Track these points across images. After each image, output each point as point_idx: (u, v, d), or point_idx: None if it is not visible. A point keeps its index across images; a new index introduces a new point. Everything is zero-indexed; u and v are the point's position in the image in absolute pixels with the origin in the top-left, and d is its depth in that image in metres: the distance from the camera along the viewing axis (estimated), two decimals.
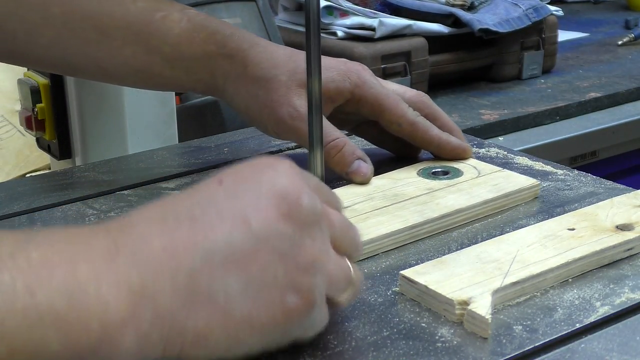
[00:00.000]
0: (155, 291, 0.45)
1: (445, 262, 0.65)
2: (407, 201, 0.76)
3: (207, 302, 0.47)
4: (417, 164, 0.85)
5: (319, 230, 0.51)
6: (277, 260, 0.48)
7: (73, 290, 0.43)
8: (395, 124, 0.82)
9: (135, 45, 0.82)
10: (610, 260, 0.67)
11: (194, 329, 0.46)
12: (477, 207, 0.76)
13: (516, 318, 0.60)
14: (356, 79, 0.81)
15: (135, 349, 0.45)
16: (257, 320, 0.48)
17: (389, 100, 0.82)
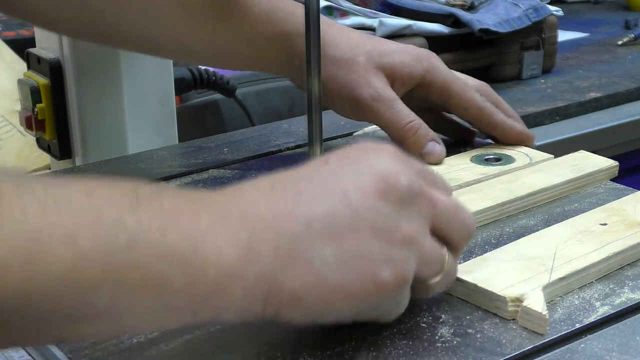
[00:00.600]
0: (260, 251, 0.49)
1: (488, 259, 0.65)
2: (495, 179, 0.81)
3: (304, 266, 0.50)
4: (471, 151, 0.89)
5: (417, 210, 0.54)
6: (372, 235, 0.51)
7: (196, 236, 0.48)
8: (462, 108, 0.86)
9: (216, 23, 0.83)
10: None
11: (291, 291, 0.50)
12: (561, 186, 0.80)
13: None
14: (427, 64, 0.85)
15: (240, 304, 0.49)
16: (349, 289, 0.51)
17: (457, 85, 0.86)
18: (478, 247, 0.71)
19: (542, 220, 0.76)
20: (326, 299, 0.51)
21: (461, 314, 0.61)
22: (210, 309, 0.49)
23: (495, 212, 0.76)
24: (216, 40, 0.84)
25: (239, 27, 0.83)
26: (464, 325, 0.59)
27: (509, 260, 0.65)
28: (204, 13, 0.83)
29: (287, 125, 1.06)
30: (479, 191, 0.79)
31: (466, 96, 0.86)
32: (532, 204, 0.79)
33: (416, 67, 0.85)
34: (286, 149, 0.97)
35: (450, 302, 0.63)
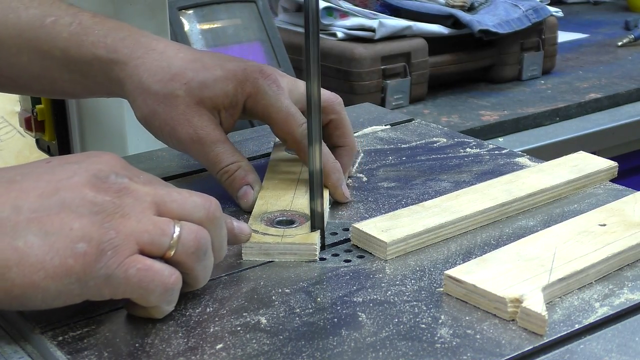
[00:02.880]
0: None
1: (487, 260, 0.65)
2: (494, 180, 0.81)
3: (7, 246, 0.55)
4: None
5: (133, 200, 0.59)
6: (75, 218, 0.57)
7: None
8: (281, 138, 0.82)
9: (30, 52, 0.81)
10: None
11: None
12: (560, 187, 0.81)
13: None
14: (250, 89, 0.78)
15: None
16: (50, 264, 0.55)
17: (279, 115, 0.79)
18: (477, 247, 0.71)
19: (541, 221, 0.76)
20: (29, 276, 0.55)
21: (460, 314, 0.61)
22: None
23: (494, 212, 0.77)
24: (34, 68, 0.82)
25: (51, 53, 0.81)
26: (463, 326, 0.59)
27: (509, 261, 0.65)
28: (16, 44, 0.81)
29: None
30: (479, 192, 0.79)
31: (285, 128, 0.79)
32: (532, 204, 0.79)
33: (238, 95, 0.78)
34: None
35: (450, 303, 0.63)
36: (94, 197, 0.58)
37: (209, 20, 1.28)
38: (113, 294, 0.58)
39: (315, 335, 0.59)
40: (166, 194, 0.61)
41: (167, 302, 0.60)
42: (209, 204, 0.63)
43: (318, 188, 0.72)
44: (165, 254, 0.59)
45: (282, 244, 0.70)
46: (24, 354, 0.60)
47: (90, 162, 0.61)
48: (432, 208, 0.75)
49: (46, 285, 0.56)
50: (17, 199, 0.57)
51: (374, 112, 1.12)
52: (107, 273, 0.57)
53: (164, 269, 0.59)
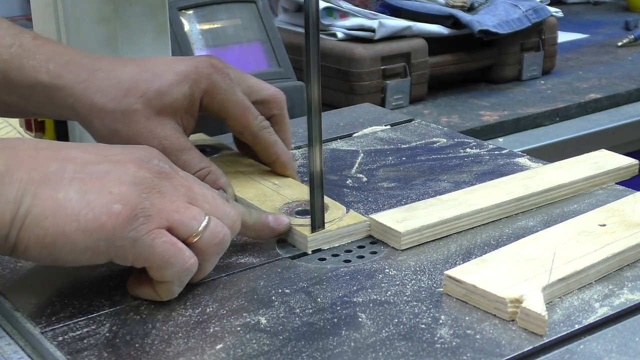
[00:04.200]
0: (12, 177, 0.59)
1: (487, 260, 0.65)
2: (512, 175, 0.82)
3: (48, 195, 0.59)
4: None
5: (170, 185, 0.63)
6: (115, 184, 0.60)
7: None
8: (237, 132, 0.82)
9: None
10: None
11: (34, 214, 0.58)
12: (579, 183, 0.81)
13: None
14: (206, 84, 0.78)
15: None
16: (84, 218, 0.59)
17: (235, 109, 0.79)
18: (477, 248, 0.71)
19: (541, 221, 0.76)
20: (62, 226, 0.58)
21: (460, 314, 0.61)
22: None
23: (511, 206, 0.77)
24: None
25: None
26: (463, 326, 0.59)
27: (508, 261, 0.65)
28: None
29: None
30: (496, 186, 0.80)
31: (242, 121, 0.80)
32: (549, 200, 0.80)
33: (195, 94, 0.77)
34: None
35: (450, 303, 0.63)
36: (136, 172, 0.62)
37: (209, 21, 1.28)
38: (135, 260, 0.61)
39: (315, 335, 0.59)
40: (200, 193, 0.65)
41: (179, 283, 0.63)
42: (237, 218, 0.66)
43: (318, 188, 0.72)
44: (189, 238, 0.62)
45: (342, 228, 0.73)
46: (24, 354, 0.60)
47: (136, 148, 0.66)
48: (448, 201, 0.76)
49: (76, 238, 0.59)
50: (64, 160, 0.61)
51: (374, 113, 1.12)
52: (136, 237, 0.60)
53: (186, 250, 0.62)
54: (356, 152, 0.96)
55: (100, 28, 0.90)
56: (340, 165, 0.92)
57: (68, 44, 0.91)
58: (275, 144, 0.82)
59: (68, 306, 0.63)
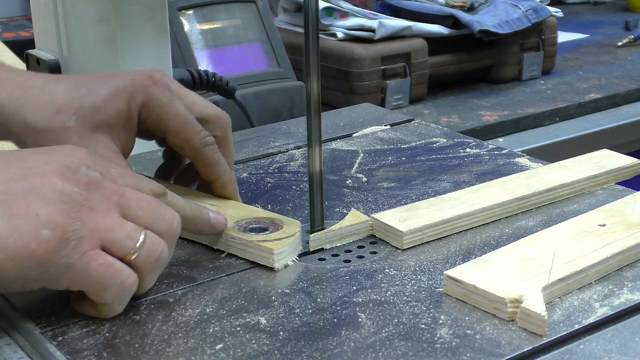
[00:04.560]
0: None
1: (487, 260, 0.65)
2: (515, 175, 0.82)
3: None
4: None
5: (101, 195, 0.60)
6: (42, 204, 0.57)
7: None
8: (178, 147, 0.76)
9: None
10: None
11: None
12: (581, 183, 0.81)
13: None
14: (142, 98, 0.73)
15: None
16: (13, 246, 0.56)
17: (175, 122, 0.74)
18: (477, 248, 0.71)
19: (541, 221, 0.76)
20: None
21: (460, 315, 0.61)
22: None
23: (513, 206, 0.77)
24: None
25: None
26: (463, 326, 0.59)
27: (508, 261, 0.65)
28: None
29: (286, 127, 1.06)
30: (498, 185, 0.80)
31: (182, 135, 0.74)
32: (551, 199, 0.80)
33: (131, 109, 0.73)
34: (286, 150, 0.97)
35: (450, 303, 0.63)
36: (62, 187, 0.58)
37: (208, 21, 1.28)
38: (70, 284, 0.59)
39: (315, 335, 0.59)
40: (134, 199, 0.62)
41: (120, 302, 0.61)
42: (173, 219, 0.64)
43: (318, 189, 0.72)
44: (126, 256, 0.60)
45: (344, 228, 0.73)
46: (24, 354, 0.60)
47: (62, 153, 0.62)
48: (450, 200, 0.76)
49: (5, 267, 0.56)
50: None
51: (373, 113, 1.12)
52: (69, 262, 0.57)
53: (124, 269, 0.60)
54: (356, 152, 0.96)
55: (100, 28, 0.90)
56: (340, 165, 0.92)
57: (68, 44, 0.92)
58: (218, 162, 0.76)
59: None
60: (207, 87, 1.12)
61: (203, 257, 0.71)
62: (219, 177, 0.76)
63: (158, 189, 0.65)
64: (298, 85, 1.28)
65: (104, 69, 0.92)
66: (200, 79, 1.10)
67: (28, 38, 1.52)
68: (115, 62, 0.95)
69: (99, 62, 0.93)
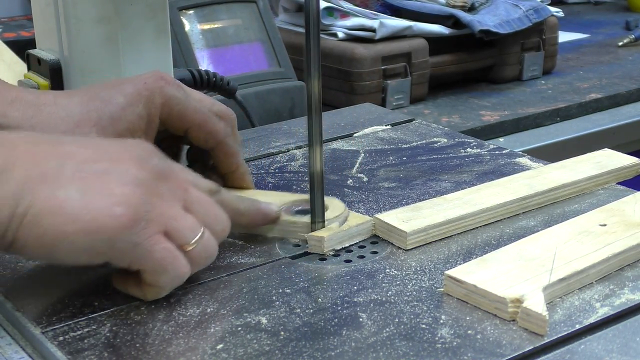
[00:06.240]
0: (12, 174, 0.57)
1: (488, 260, 0.65)
2: (517, 175, 0.82)
3: (48, 193, 0.58)
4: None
5: (168, 187, 0.62)
6: (117, 185, 0.59)
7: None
8: (203, 140, 0.76)
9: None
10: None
11: (33, 213, 0.57)
12: (582, 182, 0.81)
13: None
14: (160, 99, 0.74)
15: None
16: (85, 219, 0.58)
17: (197, 115, 0.75)
18: (478, 248, 0.71)
19: (541, 221, 0.76)
20: (62, 225, 0.57)
21: (461, 315, 0.61)
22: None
23: (515, 206, 0.77)
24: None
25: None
26: (464, 326, 0.59)
27: (509, 261, 0.65)
28: None
29: (287, 127, 1.06)
30: (500, 185, 0.80)
31: (206, 127, 0.76)
32: (553, 199, 0.80)
33: (151, 111, 0.73)
34: (286, 150, 0.97)
35: (450, 303, 0.63)
36: (137, 172, 0.61)
37: (209, 21, 1.28)
38: (132, 263, 0.61)
39: (316, 335, 0.59)
40: (196, 196, 0.64)
41: (169, 288, 0.63)
42: (227, 222, 0.67)
43: (319, 189, 0.72)
44: (183, 246, 0.62)
45: (352, 228, 0.73)
46: (25, 354, 0.60)
47: (133, 143, 0.64)
48: (453, 200, 0.76)
49: (76, 238, 0.58)
50: (63, 157, 0.60)
51: (374, 112, 1.12)
52: (136, 241, 0.59)
53: (182, 258, 0.62)
54: (357, 152, 0.96)
55: (101, 28, 0.90)
56: (340, 165, 0.92)
57: (69, 44, 0.92)
58: (238, 153, 0.79)
59: (69, 306, 0.63)
60: (208, 87, 1.12)
61: None
62: (239, 167, 0.79)
63: (213, 186, 0.68)
64: (299, 85, 1.28)
65: (105, 68, 0.92)
66: (201, 78, 1.09)
67: (29, 38, 1.52)
68: (116, 62, 0.94)
69: (99, 62, 0.93)
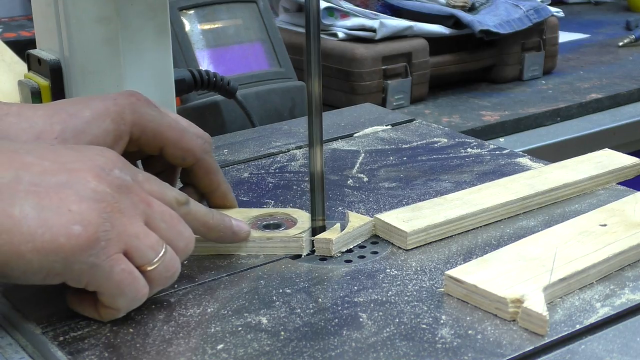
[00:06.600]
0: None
1: (488, 260, 0.65)
2: (517, 175, 0.82)
3: (3, 211, 0.55)
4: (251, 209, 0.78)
5: (130, 201, 0.60)
6: (75, 200, 0.57)
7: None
8: (179, 158, 0.73)
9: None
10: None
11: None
12: (583, 183, 0.81)
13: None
14: (130, 115, 0.70)
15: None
16: (41, 238, 0.56)
17: (172, 132, 0.72)
18: (478, 248, 0.71)
19: (542, 221, 0.76)
20: (17, 244, 0.55)
21: (462, 315, 0.61)
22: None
23: (516, 206, 0.77)
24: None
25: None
26: (464, 326, 0.59)
27: (509, 261, 0.65)
28: None
29: (287, 127, 1.06)
30: (501, 185, 0.80)
31: (183, 144, 0.72)
32: (554, 199, 0.80)
33: (120, 128, 0.70)
34: (287, 150, 0.97)
35: (451, 304, 0.63)
36: (96, 186, 0.58)
37: (210, 21, 1.28)
38: (89, 284, 0.58)
39: (316, 335, 0.59)
40: (159, 211, 0.62)
41: (126, 310, 0.61)
42: (191, 238, 0.64)
43: (319, 189, 0.72)
44: (144, 266, 0.60)
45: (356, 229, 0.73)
46: (25, 354, 0.60)
47: (94, 152, 0.62)
48: (454, 200, 0.76)
49: (31, 258, 0.56)
50: (19, 169, 0.57)
51: (374, 113, 1.12)
52: (95, 262, 0.57)
53: (141, 279, 0.60)
54: (357, 152, 0.96)
55: (101, 28, 0.90)
56: (341, 165, 0.92)
57: (69, 44, 0.92)
58: (218, 170, 0.75)
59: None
60: (208, 87, 1.12)
61: (204, 257, 0.71)
62: (220, 185, 0.75)
63: (181, 197, 0.65)
64: (299, 85, 1.28)
65: (105, 68, 0.92)
66: (202, 78, 1.10)
67: (29, 38, 1.52)
68: (117, 62, 0.94)
69: (100, 62, 0.93)
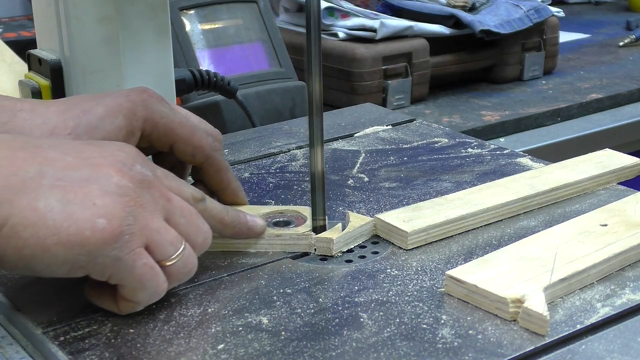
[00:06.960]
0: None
1: (489, 260, 0.65)
2: (518, 175, 0.82)
3: (28, 204, 0.56)
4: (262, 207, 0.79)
5: (150, 196, 0.60)
6: (99, 194, 0.57)
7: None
8: (189, 155, 0.73)
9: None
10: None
11: (12, 223, 0.55)
12: (584, 182, 0.81)
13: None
14: (143, 111, 0.71)
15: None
16: (66, 232, 0.56)
17: (183, 129, 0.72)
18: (479, 248, 0.71)
19: (542, 221, 0.76)
20: (42, 238, 0.56)
21: (462, 315, 0.61)
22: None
23: (517, 206, 0.77)
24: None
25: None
26: (465, 326, 0.59)
27: (510, 261, 0.65)
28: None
29: (288, 127, 1.06)
30: (501, 185, 0.80)
31: (193, 141, 0.72)
32: (554, 199, 0.80)
33: (132, 124, 0.70)
34: (287, 150, 0.97)
35: (451, 304, 0.63)
36: (119, 180, 0.59)
37: (210, 21, 1.28)
38: (112, 277, 0.59)
39: (317, 335, 0.59)
40: (178, 206, 0.62)
41: (145, 304, 0.61)
42: (208, 234, 0.65)
43: (319, 189, 0.72)
44: (163, 261, 0.60)
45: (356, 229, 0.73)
46: (26, 354, 0.60)
47: (115, 148, 0.62)
48: (454, 200, 0.76)
49: (56, 251, 0.56)
50: (43, 164, 0.58)
51: (375, 113, 1.12)
52: (118, 256, 0.58)
53: (162, 274, 0.60)
54: (357, 152, 0.96)
55: (102, 28, 0.90)
56: (341, 165, 0.92)
57: (69, 44, 0.92)
58: (228, 168, 0.76)
59: (70, 306, 0.63)
60: (209, 87, 1.12)
61: (204, 257, 0.71)
62: (230, 183, 0.76)
63: (198, 193, 0.66)
64: (299, 85, 1.28)
65: (106, 68, 0.92)
66: (202, 78, 1.10)
67: (30, 38, 1.52)
68: (117, 62, 0.94)
69: (100, 62, 0.93)
